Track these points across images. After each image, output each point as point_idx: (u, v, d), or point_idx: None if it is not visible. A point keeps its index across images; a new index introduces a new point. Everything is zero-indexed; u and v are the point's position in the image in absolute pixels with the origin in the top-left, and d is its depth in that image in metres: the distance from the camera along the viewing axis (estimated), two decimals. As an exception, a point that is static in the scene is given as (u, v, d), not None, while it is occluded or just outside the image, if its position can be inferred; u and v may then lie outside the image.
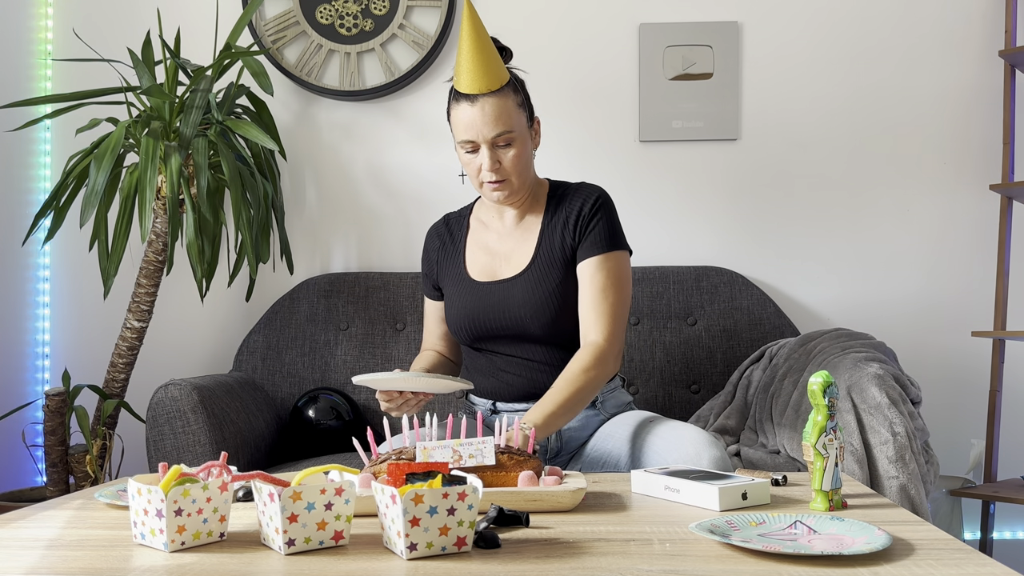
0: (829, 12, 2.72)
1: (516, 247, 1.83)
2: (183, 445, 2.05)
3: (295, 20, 2.73)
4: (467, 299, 1.82)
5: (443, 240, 1.93)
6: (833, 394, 1.30)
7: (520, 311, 1.77)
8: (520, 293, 1.78)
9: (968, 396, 2.67)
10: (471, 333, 1.82)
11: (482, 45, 1.68)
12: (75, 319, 2.77)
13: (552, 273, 1.78)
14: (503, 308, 1.78)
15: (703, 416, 2.37)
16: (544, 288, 1.77)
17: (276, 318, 2.60)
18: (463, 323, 1.82)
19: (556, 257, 1.79)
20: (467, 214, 1.94)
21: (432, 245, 1.94)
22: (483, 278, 1.83)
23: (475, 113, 1.69)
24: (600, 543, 1.10)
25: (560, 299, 1.77)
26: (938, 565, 0.98)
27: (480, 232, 1.89)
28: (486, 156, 1.71)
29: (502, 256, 1.84)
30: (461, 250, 1.88)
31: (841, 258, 2.71)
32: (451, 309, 1.85)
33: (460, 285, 1.85)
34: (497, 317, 1.79)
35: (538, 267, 1.79)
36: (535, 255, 1.80)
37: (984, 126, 2.69)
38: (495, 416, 1.83)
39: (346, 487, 1.10)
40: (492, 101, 1.69)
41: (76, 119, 2.75)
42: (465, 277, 1.85)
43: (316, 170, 2.78)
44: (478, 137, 1.70)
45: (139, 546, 1.13)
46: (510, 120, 1.71)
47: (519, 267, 1.81)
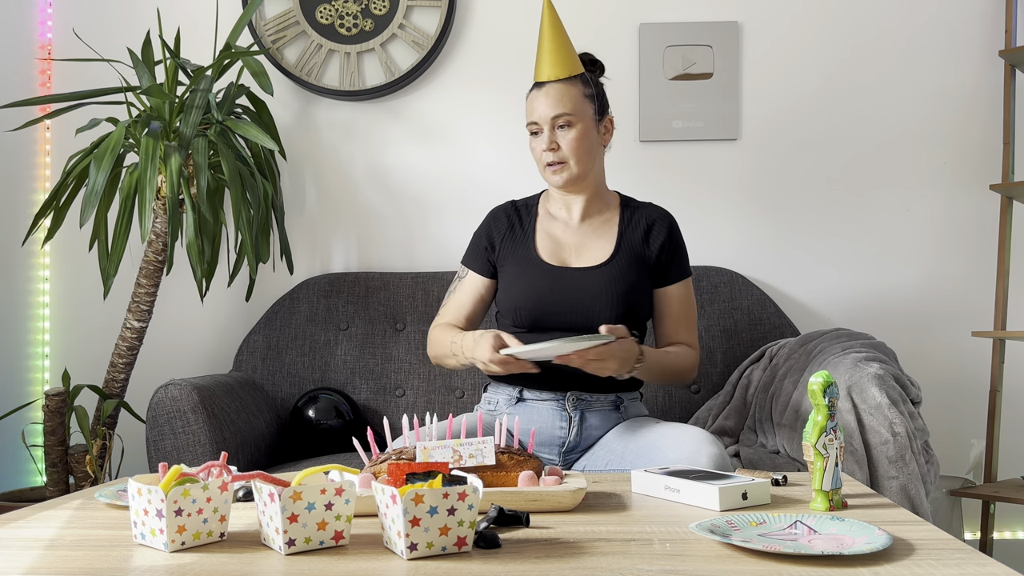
0: (829, 12, 2.72)
1: (587, 241, 1.90)
2: (183, 445, 2.04)
3: (295, 20, 2.73)
4: (537, 281, 1.85)
5: (511, 221, 1.95)
6: (833, 394, 1.30)
7: (595, 300, 1.82)
8: (597, 283, 1.83)
9: (968, 396, 2.67)
10: (533, 314, 1.83)
11: (554, 36, 1.83)
12: (75, 319, 2.77)
13: (631, 272, 1.86)
14: (576, 295, 1.83)
15: (703, 416, 2.37)
16: (623, 284, 1.84)
17: (276, 318, 2.60)
18: (528, 303, 1.83)
19: (635, 260, 1.87)
20: (534, 203, 1.99)
21: (499, 224, 1.96)
22: (554, 263, 1.87)
23: (540, 96, 1.83)
24: (600, 543, 1.10)
25: (634, 297, 1.85)
26: (938, 565, 0.98)
27: (547, 221, 1.94)
28: (545, 137, 1.82)
29: (571, 247, 1.90)
30: (530, 234, 1.92)
31: (841, 258, 2.71)
32: (514, 289, 1.87)
33: (529, 266, 1.87)
34: (568, 302, 1.82)
35: (619, 263, 1.86)
36: (616, 251, 1.87)
37: (984, 126, 2.69)
38: (513, 407, 1.84)
39: (346, 487, 1.10)
40: (558, 86, 1.83)
41: (76, 119, 2.75)
42: (536, 259, 1.88)
43: (316, 170, 2.78)
44: (540, 118, 1.82)
45: (139, 546, 1.13)
46: (572, 103, 1.82)
47: (597, 259, 1.87)
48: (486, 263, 1.95)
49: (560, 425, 1.81)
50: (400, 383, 2.53)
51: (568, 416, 1.81)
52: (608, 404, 1.84)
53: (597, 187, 1.92)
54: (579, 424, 1.81)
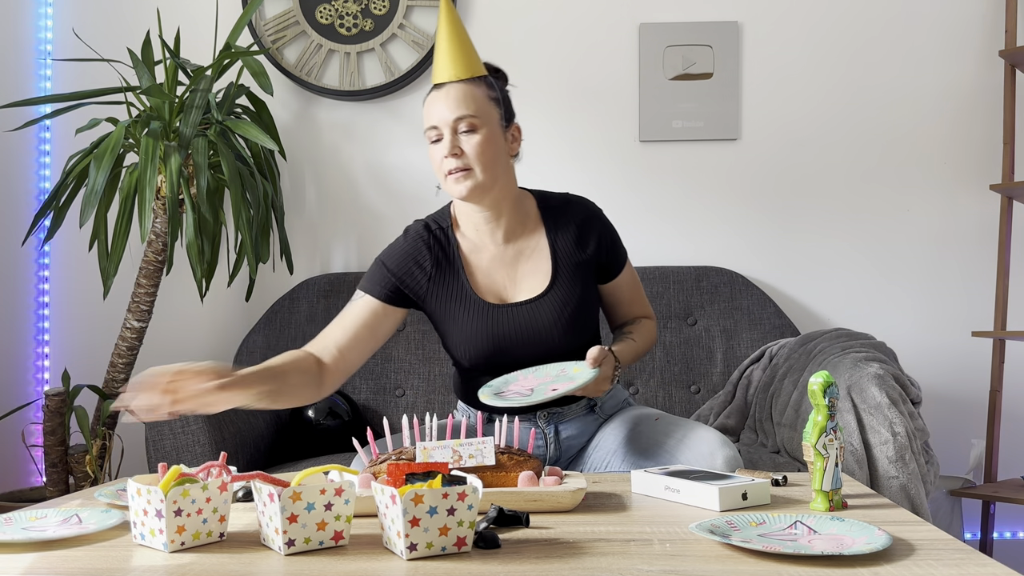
0: (829, 12, 2.72)
1: (520, 268, 1.74)
2: (183, 445, 2.04)
3: (295, 20, 2.73)
4: (486, 323, 1.70)
5: (434, 254, 1.74)
6: (833, 394, 1.30)
7: (551, 332, 1.70)
8: (548, 314, 1.71)
9: (968, 396, 2.67)
10: (491, 359, 1.71)
11: (454, 34, 1.68)
12: (75, 319, 2.77)
13: (575, 288, 1.73)
14: (529, 331, 1.70)
15: (703, 416, 2.37)
16: (571, 304, 1.72)
17: (276, 318, 2.60)
18: (483, 347, 1.71)
19: (573, 272, 1.74)
20: (448, 226, 1.76)
21: (421, 257, 1.73)
22: (495, 301, 1.72)
23: (440, 98, 1.65)
24: (600, 543, 1.10)
25: (585, 312, 1.75)
26: (938, 565, 0.98)
27: (470, 250, 1.75)
28: (447, 142, 1.63)
29: (506, 279, 1.74)
30: (459, 269, 1.73)
31: (841, 258, 2.71)
32: (462, 335, 1.71)
33: (471, 309, 1.72)
34: (525, 341, 1.70)
35: (561, 288, 1.72)
36: (554, 277, 1.73)
37: (984, 126, 2.69)
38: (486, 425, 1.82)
39: (346, 487, 1.09)
40: (460, 87, 1.65)
41: (76, 119, 2.75)
42: (476, 300, 1.71)
43: (316, 170, 2.78)
44: (440, 121, 1.64)
45: (139, 546, 1.13)
46: (475, 105, 1.64)
47: (536, 289, 1.73)
48: (393, 294, 1.71)
49: (537, 444, 1.76)
50: (400, 383, 2.53)
51: (543, 433, 1.76)
52: (582, 410, 1.78)
53: (513, 202, 1.73)
54: (555, 438, 1.76)
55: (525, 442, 1.74)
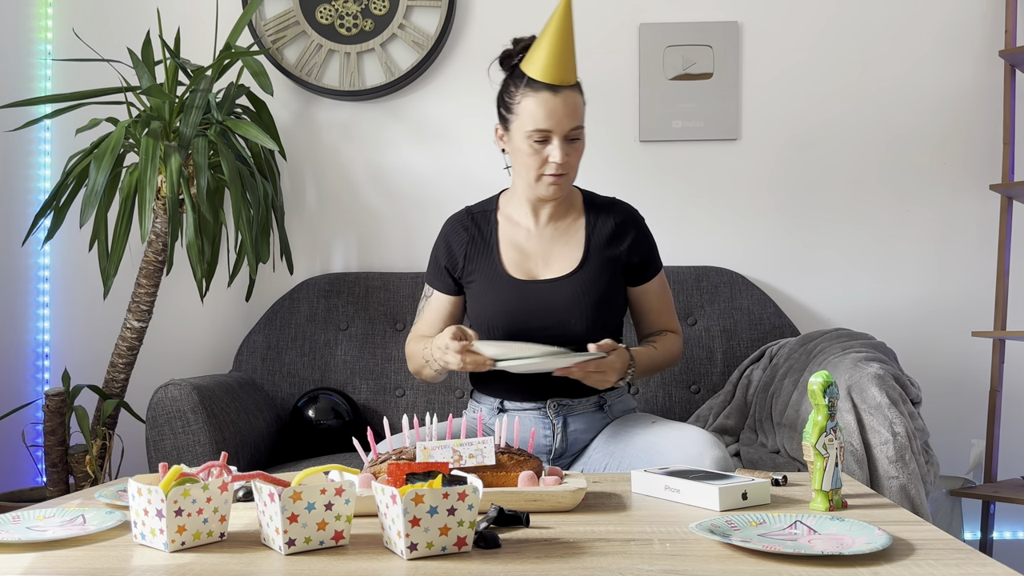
0: (829, 12, 2.72)
1: (554, 249, 1.82)
2: (183, 445, 2.05)
3: (295, 20, 2.73)
4: (506, 297, 1.78)
5: (471, 233, 1.85)
6: (833, 394, 1.30)
7: (567, 312, 1.76)
8: (568, 294, 1.77)
9: (968, 396, 2.67)
10: (505, 330, 1.77)
11: (570, 38, 1.70)
12: (75, 319, 2.77)
13: (602, 278, 1.80)
14: (548, 308, 1.77)
15: (703, 416, 2.37)
16: (594, 292, 1.78)
17: (276, 318, 2.60)
18: (499, 320, 1.77)
19: (605, 265, 1.81)
20: (492, 209, 1.88)
21: (457, 237, 1.86)
22: (522, 276, 1.80)
23: (558, 103, 1.69)
24: (600, 543, 1.10)
25: (608, 303, 1.80)
26: (938, 565, 0.98)
27: (509, 229, 1.84)
28: (558, 148, 1.70)
29: (537, 256, 1.82)
30: (493, 246, 1.83)
31: (841, 258, 2.71)
32: (484, 306, 1.80)
33: (496, 282, 1.80)
34: (540, 317, 1.76)
35: (589, 270, 1.79)
36: (584, 260, 1.80)
37: (984, 126, 2.69)
38: (496, 417, 1.83)
39: (346, 487, 1.10)
40: (572, 94, 1.71)
41: (76, 119, 2.75)
42: (502, 274, 1.80)
43: (316, 170, 2.78)
44: (556, 127, 1.70)
45: (139, 546, 1.13)
46: (582, 116, 1.74)
47: (564, 269, 1.80)
48: (449, 281, 1.87)
49: (544, 433, 1.79)
50: (400, 383, 2.53)
51: (551, 424, 1.79)
52: (591, 406, 1.81)
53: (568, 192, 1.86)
54: (563, 430, 1.79)
55: (525, 442, 1.75)
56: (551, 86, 1.69)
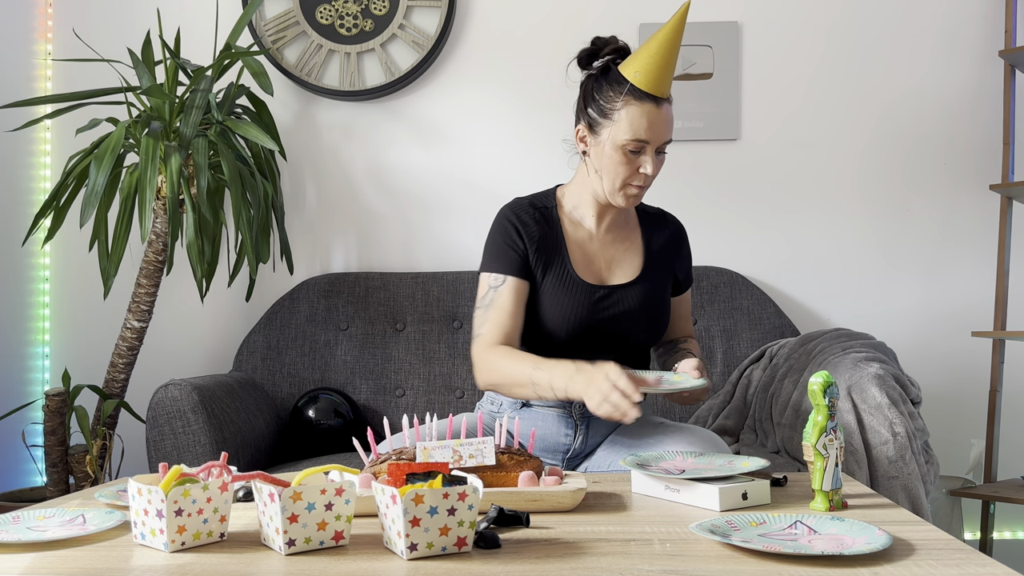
0: (829, 12, 2.72)
1: (616, 255, 1.82)
2: (183, 445, 2.05)
3: (295, 20, 2.73)
4: (580, 300, 1.75)
5: (541, 228, 1.77)
6: (833, 394, 1.30)
7: (632, 319, 1.77)
8: (635, 301, 1.78)
9: (968, 396, 2.67)
10: (572, 334, 1.75)
11: (677, 50, 1.69)
12: (75, 319, 2.77)
13: (661, 285, 1.82)
14: (616, 314, 1.76)
15: (703, 416, 2.37)
16: (655, 299, 1.80)
17: (276, 318, 2.60)
18: (569, 323, 1.74)
19: (662, 272, 1.83)
20: (552, 206, 1.82)
21: (528, 229, 1.76)
22: (592, 280, 1.78)
23: (660, 116, 1.68)
24: (600, 543, 1.10)
25: (663, 309, 1.82)
26: (938, 565, 0.98)
27: (572, 229, 1.81)
28: (651, 160, 1.69)
29: (602, 259, 1.81)
30: (561, 244, 1.78)
31: (841, 258, 2.71)
32: (555, 307, 1.75)
33: (568, 283, 1.76)
34: (609, 321, 1.76)
35: (649, 280, 1.81)
36: (646, 266, 1.81)
37: (984, 126, 2.69)
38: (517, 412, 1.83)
39: (346, 487, 1.10)
40: (669, 107, 1.72)
41: (76, 119, 2.75)
42: (574, 276, 1.77)
43: (316, 170, 2.78)
44: (655, 140, 1.69)
45: (139, 546, 1.13)
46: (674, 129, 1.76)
47: (628, 275, 1.80)
48: (524, 266, 1.75)
49: (565, 432, 1.79)
50: (400, 383, 2.53)
51: (575, 424, 1.78)
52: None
53: None
54: (585, 432, 1.79)
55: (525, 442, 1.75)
56: (656, 98, 1.67)
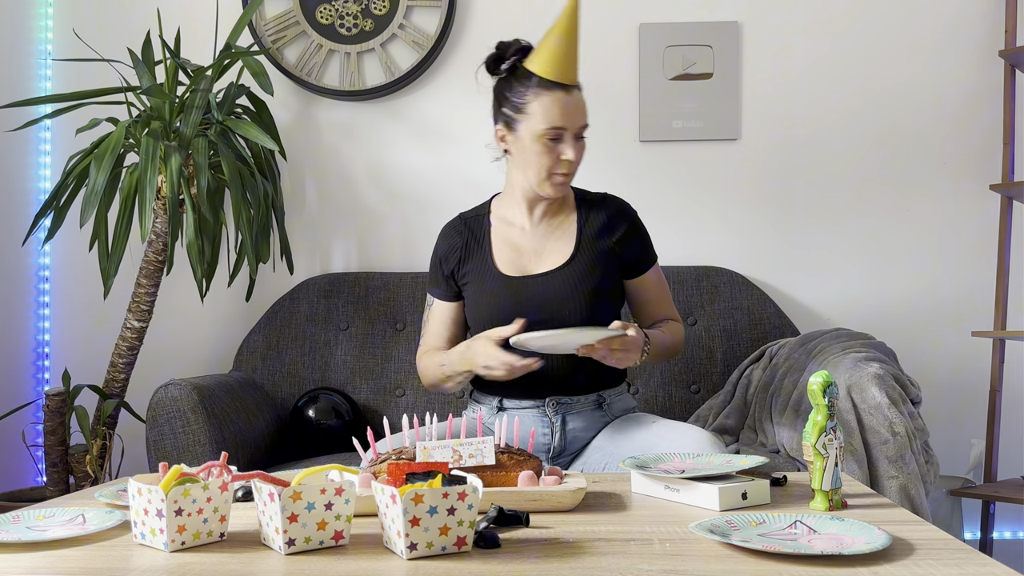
0: (829, 12, 2.72)
1: (547, 244, 1.84)
2: (183, 445, 2.05)
3: (295, 20, 2.73)
4: (500, 294, 1.80)
5: (464, 237, 1.88)
6: (833, 394, 1.30)
7: (561, 305, 1.78)
8: (560, 288, 1.79)
9: (968, 396, 2.67)
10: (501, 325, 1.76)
11: (577, 38, 1.73)
12: (75, 319, 2.77)
13: (595, 269, 1.81)
14: (542, 302, 1.78)
15: (702, 416, 2.37)
16: (588, 282, 1.80)
17: (276, 318, 2.60)
18: (495, 318, 1.77)
19: (597, 257, 1.83)
20: (485, 213, 1.91)
21: (452, 243, 1.88)
22: (515, 273, 1.82)
23: (571, 102, 1.72)
24: (600, 543, 1.10)
25: (602, 294, 1.82)
26: (938, 565, 0.98)
27: (503, 229, 1.87)
28: (570, 146, 1.73)
29: (531, 252, 1.84)
30: (486, 247, 1.86)
31: (841, 258, 2.71)
32: (479, 306, 1.82)
33: (489, 281, 1.82)
34: (537, 310, 1.77)
35: (580, 264, 1.81)
36: (576, 252, 1.82)
37: (984, 126, 2.69)
38: (496, 416, 1.83)
39: (346, 487, 1.10)
40: (579, 93, 1.75)
41: (76, 119, 2.75)
42: (495, 272, 1.82)
43: (316, 170, 2.78)
44: (571, 125, 1.72)
45: (139, 546, 1.13)
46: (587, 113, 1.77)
47: (557, 261, 1.82)
48: (449, 287, 1.89)
49: (543, 432, 1.80)
50: (400, 383, 2.53)
51: (550, 422, 1.79)
52: (590, 404, 1.82)
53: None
54: (561, 428, 1.80)
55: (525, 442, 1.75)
56: (563, 85, 1.71)
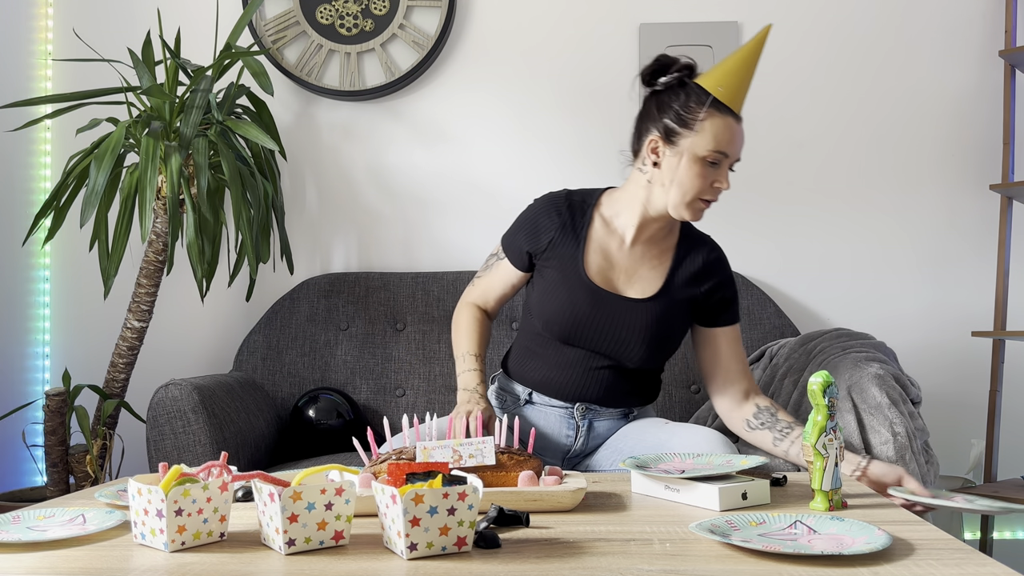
0: (829, 12, 2.72)
1: (640, 268, 1.78)
2: (183, 445, 2.05)
3: (295, 20, 2.73)
4: (580, 298, 1.74)
5: (563, 220, 1.78)
6: (833, 394, 1.30)
7: (631, 335, 1.74)
8: (640, 319, 1.74)
9: (968, 396, 2.67)
10: (566, 330, 1.75)
11: (755, 70, 1.71)
12: (75, 319, 2.77)
13: (674, 312, 1.77)
14: (616, 324, 1.74)
15: (702, 416, 2.37)
16: (664, 324, 1.75)
17: (276, 318, 2.60)
18: (562, 319, 1.74)
19: (680, 303, 1.78)
20: (591, 204, 1.80)
21: (549, 220, 1.78)
22: (602, 284, 1.76)
23: (739, 131, 1.67)
24: (600, 543, 1.10)
25: (669, 340, 1.78)
26: (938, 565, 0.98)
27: (602, 232, 1.78)
28: (725, 176, 1.68)
29: (622, 270, 1.78)
30: (582, 241, 1.77)
31: (841, 258, 2.71)
32: (552, 299, 1.75)
33: (573, 279, 1.75)
34: (606, 328, 1.74)
35: (662, 304, 1.76)
36: (664, 288, 1.77)
37: (984, 126, 2.69)
38: (519, 408, 1.84)
39: (346, 487, 1.10)
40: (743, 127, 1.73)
41: (76, 119, 2.75)
42: (582, 274, 1.75)
43: (316, 170, 2.78)
44: (733, 154, 1.67)
45: (139, 546, 1.13)
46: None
47: (644, 291, 1.77)
48: (524, 256, 1.81)
49: (567, 433, 1.80)
50: (400, 383, 2.53)
51: (576, 425, 1.80)
52: (618, 414, 1.83)
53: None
54: (587, 433, 1.81)
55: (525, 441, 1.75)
56: (735, 113, 1.66)
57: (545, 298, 1.76)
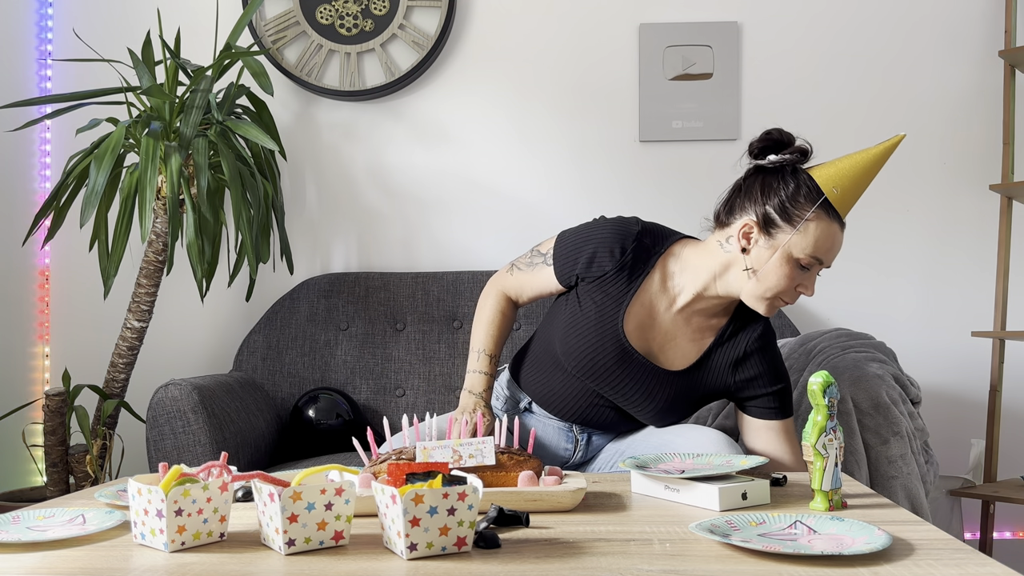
0: (829, 12, 2.72)
1: (679, 336, 1.67)
2: (183, 445, 2.05)
3: (295, 20, 2.73)
4: (607, 350, 1.65)
5: (624, 261, 1.65)
6: (833, 394, 1.30)
7: (647, 401, 1.67)
8: (661, 389, 1.66)
9: (968, 396, 2.67)
10: (583, 373, 1.68)
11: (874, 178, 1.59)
12: (75, 319, 2.77)
13: (699, 392, 1.69)
14: (635, 386, 1.67)
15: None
16: (684, 401, 1.68)
17: (276, 318, 2.60)
18: (584, 364, 1.66)
19: (711, 382, 1.68)
20: (657, 253, 1.67)
21: (610, 257, 1.65)
22: (636, 344, 1.65)
23: (840, 240, 1.57)
24: (600, 543, 1.10)
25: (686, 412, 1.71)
26: (938, 565, 0.98)
27: (656, 287, 1.66)
28: (813, 283, 1.58)
29: (661, 331, 1.67)
30: (633, 290, 1.65)
31: (841, 258, 2.71)
32: (577, 339, 1.67)
33: (607, 330, 1.65)
34: (623, 386, 1.67)
35: (691, 382, 1.67)
36: (696, 366, 1.67)
37: (984, 126, 2.69)
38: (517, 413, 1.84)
39: (346, 487, 1.10)
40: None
41: (76, 119, 2.75)
42: (618, 326, 1.64)
43: (316, 170, 2.78)
44: (827, 263, 1.57)
45: (139, 546, 1.13)
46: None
47: (675, 363, 1.67)
48: (572, 278, 1.69)
49: (565, 447, 1.79)
50: (400, 383, 2.53)
51: (575, 439, 1.79)
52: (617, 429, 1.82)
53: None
54: (585, 447, 1.80)
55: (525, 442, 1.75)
56: (840, 220, 1.55)
57: (571, 332, 1.68)
